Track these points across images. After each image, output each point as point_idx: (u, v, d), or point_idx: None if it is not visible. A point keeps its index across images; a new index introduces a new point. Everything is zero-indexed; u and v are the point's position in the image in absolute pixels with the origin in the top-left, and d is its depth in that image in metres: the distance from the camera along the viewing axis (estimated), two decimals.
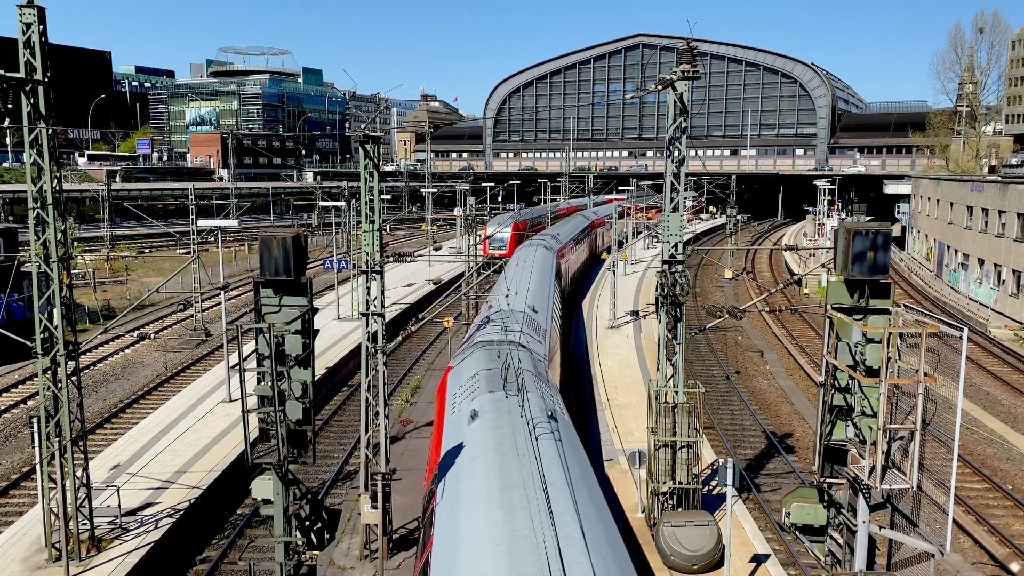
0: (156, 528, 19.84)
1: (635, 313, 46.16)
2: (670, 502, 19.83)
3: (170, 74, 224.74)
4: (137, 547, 18.82)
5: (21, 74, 16.41)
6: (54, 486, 18.11)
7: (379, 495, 18.73)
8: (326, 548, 13.66)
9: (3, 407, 31.78)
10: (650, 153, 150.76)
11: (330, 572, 19.60)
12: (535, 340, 25.05)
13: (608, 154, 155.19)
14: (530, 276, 36.61)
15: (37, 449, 18.17)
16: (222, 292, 32.39)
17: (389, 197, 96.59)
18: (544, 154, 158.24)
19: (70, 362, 17.93)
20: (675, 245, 19.99)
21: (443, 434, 16.79)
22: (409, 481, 23.73)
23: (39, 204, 17.13)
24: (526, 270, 38.30)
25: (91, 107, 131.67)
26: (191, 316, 44.74)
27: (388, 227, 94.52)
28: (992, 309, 52.32)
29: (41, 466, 18.18)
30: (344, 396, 34.08)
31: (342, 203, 52.46)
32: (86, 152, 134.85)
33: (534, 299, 31.57)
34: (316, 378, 13.18)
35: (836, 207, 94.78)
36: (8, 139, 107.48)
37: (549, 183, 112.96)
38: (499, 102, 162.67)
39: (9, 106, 16.48)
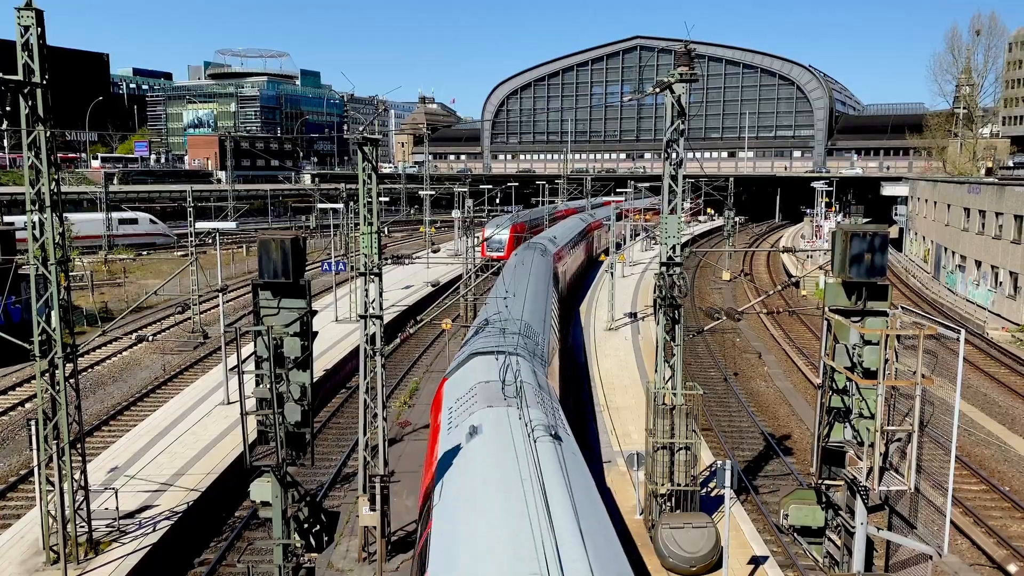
0: (154, 530, 19.82)
1: (633, 315, 46.15)
2: (668, 504, 19.84)
3: (168, 76, 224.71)
4: (135, 549, 18.80)
5: (19, 77, 16.40)
6: (52, 489, 18.08)
7: (377, 497, 18.74)
8: (324, 550, 13.66)
9: (1, 410, 31.73)
10: (648, 155, 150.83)
11: (328, 574, 19.59)
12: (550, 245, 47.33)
13: (606, 156, 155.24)
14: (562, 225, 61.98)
15: (35, 452, 18.14)
16: (220, 294, 32.38)
17: (387, 199, 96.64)
18: (542, 156, 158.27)
19: (68, 364, 17.91)
20: (673, 247, 20.02)
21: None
22: (407, 483, 23.76)
23: (37, 206, 17.13)
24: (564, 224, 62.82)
25: (89, 109, 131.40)
26: (189, 318, 44.75)
27: (386, 229, 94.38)
28: (989, 311, 52.38)
29: (39, 469, 18.15)
30: (342, 398, 34.07)
31: (340, 205, 52.41)
32: (99, 156, 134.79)
33: (559, 235, 55.36)
34: (314, 380, 13.18)
35: (833, 209, 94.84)
36: (6, 141, 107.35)
37: (547, 185, 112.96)
38: (497, 104, 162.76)
39: (7, 108, 16.48)
